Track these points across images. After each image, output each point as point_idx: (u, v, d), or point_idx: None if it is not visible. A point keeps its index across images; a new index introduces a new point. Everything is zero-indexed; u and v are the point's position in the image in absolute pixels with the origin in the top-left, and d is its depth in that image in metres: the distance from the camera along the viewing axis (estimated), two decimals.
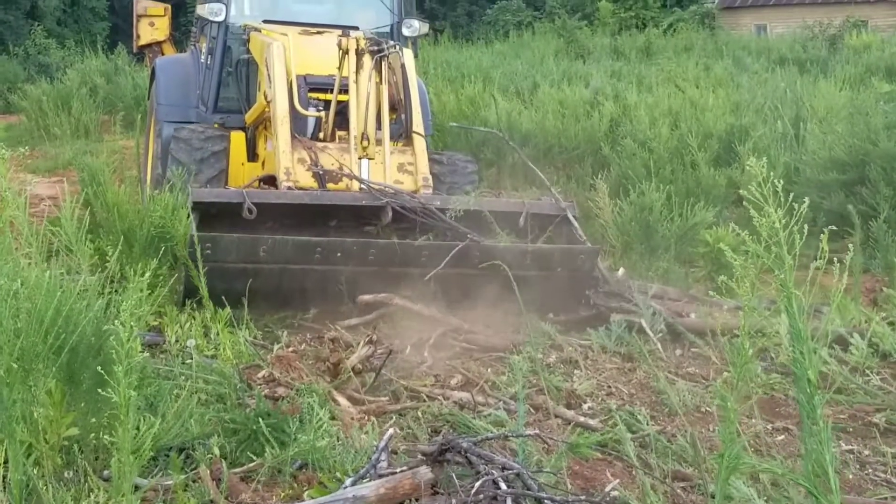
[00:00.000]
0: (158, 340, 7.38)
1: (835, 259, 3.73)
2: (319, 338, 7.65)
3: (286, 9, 11.27)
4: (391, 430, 5.47)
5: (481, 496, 4.48)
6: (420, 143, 9.14)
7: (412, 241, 8.18)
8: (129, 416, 3.68)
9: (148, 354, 6.19)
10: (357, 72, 8.75)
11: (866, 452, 6.13)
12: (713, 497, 5.21)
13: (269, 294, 7.98)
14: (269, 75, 9.22)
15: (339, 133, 9.06)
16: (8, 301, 4.67)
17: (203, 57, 11.27)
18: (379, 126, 8.75)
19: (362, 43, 8.80)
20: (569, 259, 8.39)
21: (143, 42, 14.28)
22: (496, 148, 14.54)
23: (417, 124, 9.21)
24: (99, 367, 4.59)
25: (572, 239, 8.66)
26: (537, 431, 5.66)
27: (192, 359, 6.90)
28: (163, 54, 13.95)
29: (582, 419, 6.43)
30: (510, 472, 4.67)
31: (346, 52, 8.83)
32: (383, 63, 8.79)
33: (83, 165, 9.97)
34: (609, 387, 7.14)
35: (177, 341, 7.40)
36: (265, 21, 10.65)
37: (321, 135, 9.11)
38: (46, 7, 38.90)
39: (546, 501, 4.50)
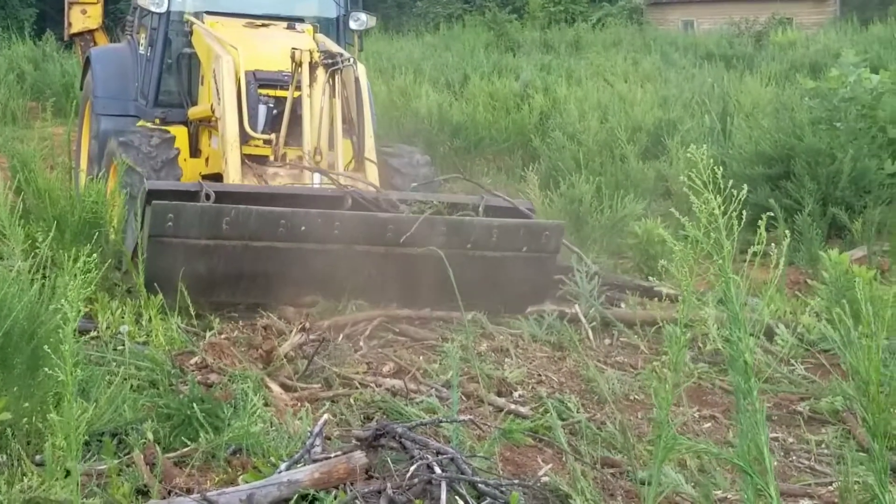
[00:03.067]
0: (89, 327, 7.34)
1: (761, 251, 3.79)
2: (252, 325, 7.66)
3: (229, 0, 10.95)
4: (325, 416, 5.51)
5: (416, 480, 4.53)
6: (372, 171, 9.06)
7: (377, 213, 8.09)
8: (73, 395, 3.67)
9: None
10: (310, 85, 8.70)
11: (791, 440, 6.26)
12: (642, 483, 5.33)
13: (230, 279, 7.88)
14: (217, 90, 9.01)
15: (288, 154, 8.98)
16: None
17: (143, 48, 10.99)
18: (332, 143, 8.73)
19: (316, 56, 8.75)
20: (534, 235, 8.33)
21: (74, 30, 13.95)
22: (427, 139, 14.59)
23: (370, 150, 9.13)
24: (43, 349, 4.57)
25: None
26: (471, 417, 5.73)
27: (123, 345, 6.87)
28: (95, 43, 13.63)
29: (513, 406, 6.50)
30: (444, 456, 4.73)
31: (300, 64, 8.76)
32: (336, 77, 8.77)
33: (13, 152, 9.86)
34: (539, 375, 7.21)
35: (108, 328, 7.37)
36: (208, 12, 10.38)
37: (271, 157, 8.99)
38: None
39: (480, 485, 4.57)
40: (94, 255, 6.15)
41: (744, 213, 10.89)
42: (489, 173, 13.75)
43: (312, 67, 8.71)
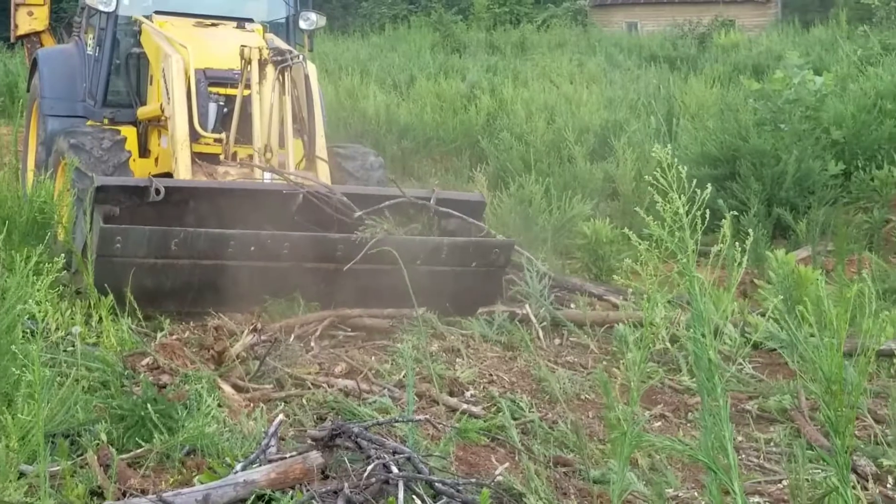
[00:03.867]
0: (34, 327, 7.26)
1: (723, 252, 3.84)
2: (203, 326, 7.64)
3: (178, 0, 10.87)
4: (280, 416, 5.52)
5: (373, 480, 4.55)
6: (324, 170, 9.06)
7: (327, 234, 8.09)
8: (41, 396, 3.66)
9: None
10: (260, 82, 8.69)
11: (740, 438, 6.31)
12: (595, 482, 5.38)
13: (178, 292, 7.84)
14: (166, 90, 9.00)
15: (239, 153, 8.95)
16: None
17: (90, 49, 10.91)
18: (282, 142, 8.70)
19: (265, 53, 8.73)
20: (483, 253, 8.36)
21: (21, 32, 13.76)
22: (375, 140, 14.60)
23: (321, 149, 9.14)
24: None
25: (478, 230, 8.67)
26: (427, 417, 5.75)
27: (74, 346, 6.83)
28: (41, 44, 13.47)
29: (465, 406, 6.53)
30: (401, 456, 4.75)
31: (249, 61, 8.73)
32: (286, 74, 8.74)
33: None
34: (490, 375, 7.25)
35: (57, 329, 7.32)
36: (156, 12, 10.36)
37: (221, 155, 8.97)
38: None
39: (437, 485, 4.59)
40: (44, 255, 6.18)
41: (688, 213, 11.01)
42: (437, 174, 13.77)
43: (262, 64, 8.69)
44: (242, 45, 8.84)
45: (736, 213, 10.33)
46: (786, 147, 11.38)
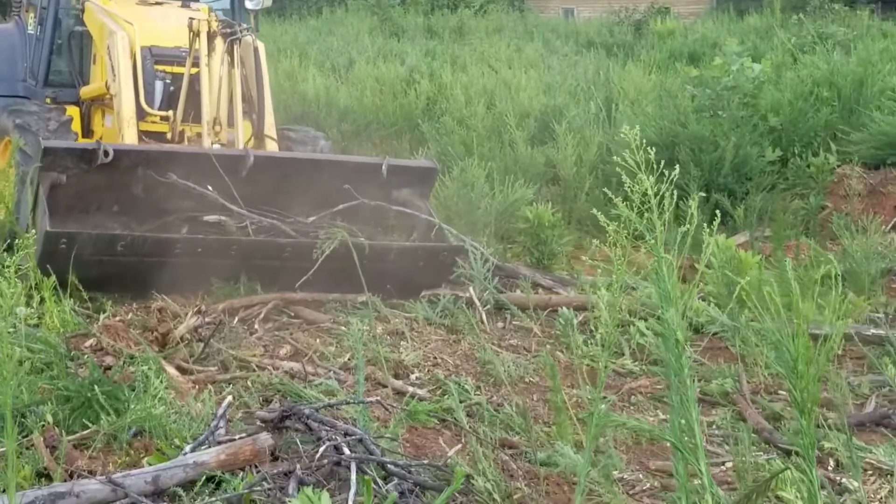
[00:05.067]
0: None
1: (691, 232, 3.88)
2: (146, 307, 7.59)
3: None
4: (229, 398, 5.52)
5: (325, 461, 4.56)
6: (273, 148, 9.04)
7: (275, 239, 8.04)
8: (25, 376, 3.62)
9: None
10: (209, 55, 8.60)
11: (682, 421, 6.37)
12: (542, 464, 5.42)
13: (123, 280, 7.79)
14: (112, 67, 8.90)
15: (186, 131, 8.88)
16: None
17: (31, 28, 10.75)
18: (231, 119, 8.65)
19: (214, 25, 8.65)
20: (431, 256, 8.35)
21: None
22: (315, 122, 14.55)
23: (270, 126, 9.09)
24: None
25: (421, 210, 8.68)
26: (378, 399, 5.76)
27: (14, 327, 6.75)
28: None
29: (411, 389, 6.55)
30: (353, 437, 4.76)
31: (198, 33, 8.64)
32: (235, 47, 8.68)
33: None
34: (435, 358, 7.27)
35: None
36: None
37: (168, 135, 8.88)
38: None
39: (389, 466, 4.61)
40: None
41: (628, 198, 11.05)
42: (377, 157, 13.76)
43: (210, 37, 8.63)
44: (191, 18, 8.77)
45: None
46: (724, 133, 11.49)
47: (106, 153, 7.70)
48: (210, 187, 8.00)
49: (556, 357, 7.17)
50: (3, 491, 4.62)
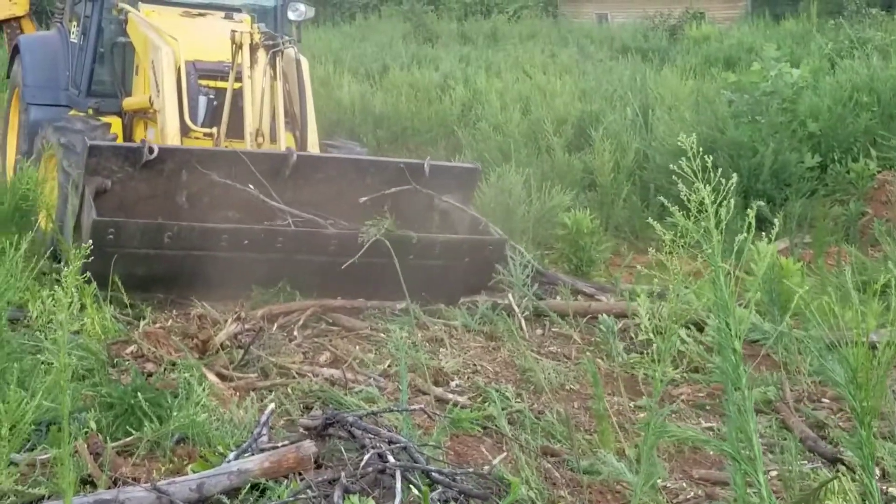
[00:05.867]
0: (18, 316, 7.23)
1: (749, 238, 3.84)
2: (185, 314, 7.61)
3: None
4: (272, 406, 5.51)
5: (370, 469, 4.54)
6: None
7: (321, 230, 8.05)
8: (68, 382, 3.63)
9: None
10: (251, 66, 8.58)
11: (725, 430, 6.33)
12: (585, 472, 5.39)
13: (168, 280, 7.82)
14: (156, 83, 8.85)
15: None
16: None
17: (74, 37, 10.72)
18: (274, 135, 8.62)
19: (256, 37, 8.62)
20: (477, 249, 8.35)
21: (0, 17, 13.59)
22: (350, 129, 14.58)
23: (313, 144, 9.03)
24: None
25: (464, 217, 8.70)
26: (422, 406, 5.74)
27: (56, 334, 6.77)
28: (21, 30, 13.26)
29: (451, 396, 6.53)
30: (397, 445, 4.74)
31: (240, 46, 8.61)
32: (277, 59, 8.65)
33: None
34: (475, 365, 7.25)
35: (38, 317, 7.25)
36: (142, 1, 10.12)
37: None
38: None
39: (434, 474, 4.59)
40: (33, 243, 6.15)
41: (665, 206, 10.99)
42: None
43: (253, 49, 8.59)
44: (233, 30, 8.73)
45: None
46: (762, 139, 11.44)
47: (151, 150, 7.73)
48: (251, 186, 8.02)
49: (596, 364, 7.14)
50: (48, 497, 4.65)
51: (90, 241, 7.05)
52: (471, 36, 28.89)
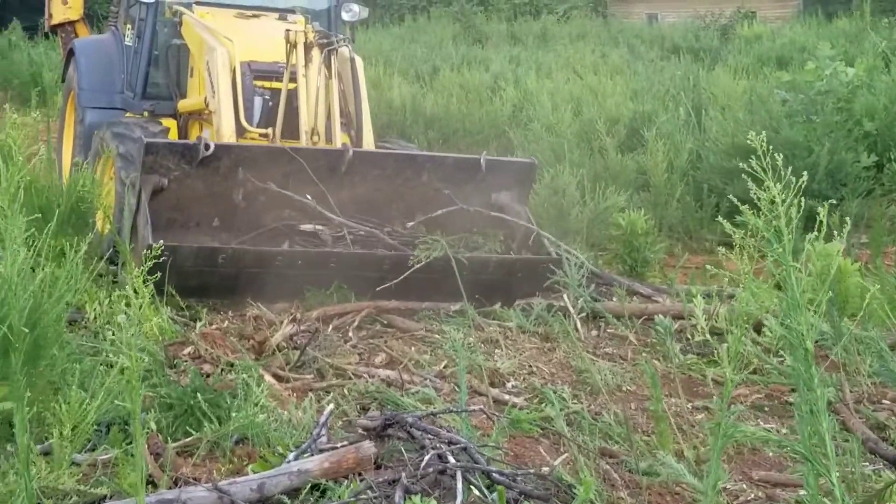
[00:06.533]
0: (76, 317, 7.29)
1: (820, 237, 3.82)
2: (241, 315, 7.65)
3: None
4: (331, 406, 5.52)
5: (430, 469, 4.54)
6: None
7: (374, 252, 8.07)
8: (133, 383, 3.66)
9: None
10: (306, 65, 8.59)
11: (784, 431, 6.30)
12: (644, 474, 5.37)
13: (221, 289, 7.90)
14: (211, 84, 8.88)
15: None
16: None
17: (129, 40, 10.78)
18: (329, 134, 8.62)
19: (311, 35, 8.62)
20: (530, 268, 8.33)
21: (55, 21, 13.60)
22: (401, 130, 14.60)
23: (369, 145, 9.04)
24: (46, 338, 4.55)
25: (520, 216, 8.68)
26: (482, 407, 5.74)
27: (113, 335, 6.81)
28: (76, 34, 13.34)
29: (507, 397, 6.52)
30: (457, 446, 4.73)
31: (294, 45, 8.61)
32: (332, 57, 8.66)
33: None
34: (530, 366, 7.25)
35: (95, 318, 7.31)
36: (196, 3, 10.18)
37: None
38: None
39: (494, 475, 4.58)
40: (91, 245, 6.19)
41: (719, 205, 10.96)
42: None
43: (307, 48, 8.58)
44: (287, 29, 8.74)
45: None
46: (818, 139, 11.34)
47: (207, 147, 7.79)
48: (309, 196, 8.05)
49: (653, 366, 7.11)
50: (110, 497, 4.68)
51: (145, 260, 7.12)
52: (520, 37, 28.85)
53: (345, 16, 10.44)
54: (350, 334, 7.62)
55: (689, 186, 11.60)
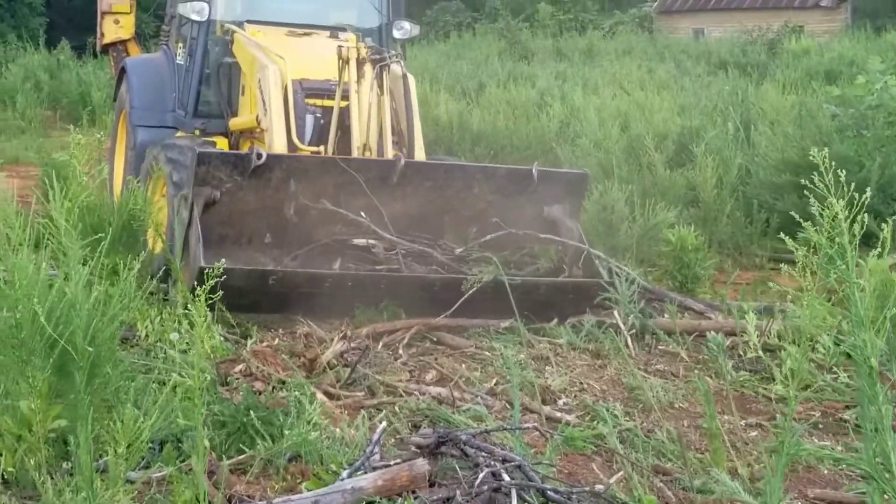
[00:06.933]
0: (128, 335, 7.33)
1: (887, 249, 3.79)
2: (291, 333, 7.67)
3: (269, 8, 10.67)
4: (383, 424, 5.51)
5: (485, 487, 4.52)
6: None
7: (425, 275, 8.09)
8: (202, 398, 3.68)
9: None
10: (358, 81, 8.60)
11: (839, 448, 6.24)
12: (698, 491, 5.33)
13: (272, 307, 7.96)
14: (263, 101, 8.90)
15: None
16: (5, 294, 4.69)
17: (180, 58, 10.83)
18: (381, 150, 8.64)
19: (363, 51, 8.66)
20: (582, 289, 8.33)
21: (107, 40, 13.73)
22: (448, 147, 14.62)
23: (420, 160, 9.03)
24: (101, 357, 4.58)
25: (568, 234, 8.66)
26: (535, 425, 5.73)
27: (165, 353, 6.86)
28: (127, 53, 13.45)
29: (559, 415, 6.50)
30: (511, 464, 4.72)
31: (347, 60, 8.64)
32: (384, 73, 8.68)
33: (47, 161, 9.84)
34: (581, 383, 7.21)
35: (147, 336, 7.36)
36: (248, 21, 10.20)
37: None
38: None
39: (549, 493, 4.56)
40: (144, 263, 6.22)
41: (769, 221, 10.87)
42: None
43: (360, 63, 8.61)
44: (339, 45, 8.77)
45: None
46: (868, 153, 11.25)
47: (259, 156, 7.82)
48: (362, 213, 8.07)
49: (705, 382, 7.06)
50: None
51: (195, 282, 7.14)
52: (566, 52, 28.82)
53: (396, 33, 10.45)
54: (400, 351, 7.62)
55: (739, 202, 11.53)
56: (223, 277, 6.98)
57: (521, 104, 16.84)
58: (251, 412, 5.36)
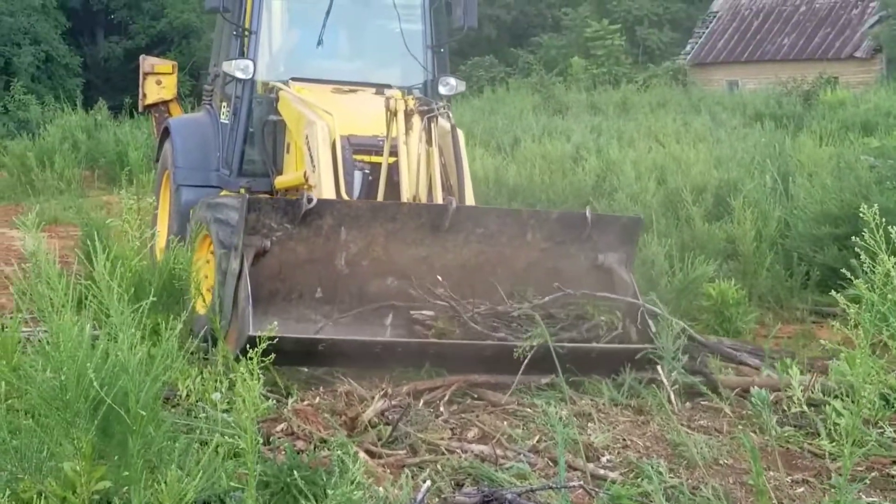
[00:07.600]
0: (169, 394, 7.33)
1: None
2: (332, 391, 7.64)
3: (313, 67, 10.66)
4: (427, 483, 5.48)
5: None
6: None
7: (475, 342, 7.99)
8: (254, 459, 3.68)
9: None
10: (406, 133, 8.59)
11: (887, 503, 6.16)
12: None
13: (321, 365, 8.05)
14: (311, 157, 8.89)
15: None
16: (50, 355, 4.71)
17: (224, 117, 10.81)
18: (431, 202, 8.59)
19: (411, 103, 8.66)
20: (633, 354, 8.22)
21: (149, 101, 13.83)
22: (485, 201, 14.62)
23: None
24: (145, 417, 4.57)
25: (623, 287, 8.60)
26: (581, 483, 5.68)
27: (205, 413, 6.85)
28: (169, 114, 13.53)
29: (603, 472, 6.44)
30: None
31: (395, 113, 8.64)
32: (433, 125, 8.68)
33: (87, 220, 9.89)
34: (624, 439, 7.15)
35: (188, 396, 7.36)
36: (293, 79, 10.24)
37: None
38: (21, 63, 38.98)
39: None
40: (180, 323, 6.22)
41: (809, 273, 10.80)
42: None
43: (408, 115, 8.60)
44: (387, 97, 8.77)
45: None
46: None
47: (310, 200, 7.80)
48: (433, 287, 8.12)
49: (750, 438, 6.99)
50: None
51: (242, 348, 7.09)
52: (600, 106, 28.90)
53: (442, 89, 10.42)
54: (441, 409, 7.57)
55: (779, 255, 11.47)
56: (273, 344, 7.04)
57: (556, 158, 16.87)
58: (294, 472, 5.34)
